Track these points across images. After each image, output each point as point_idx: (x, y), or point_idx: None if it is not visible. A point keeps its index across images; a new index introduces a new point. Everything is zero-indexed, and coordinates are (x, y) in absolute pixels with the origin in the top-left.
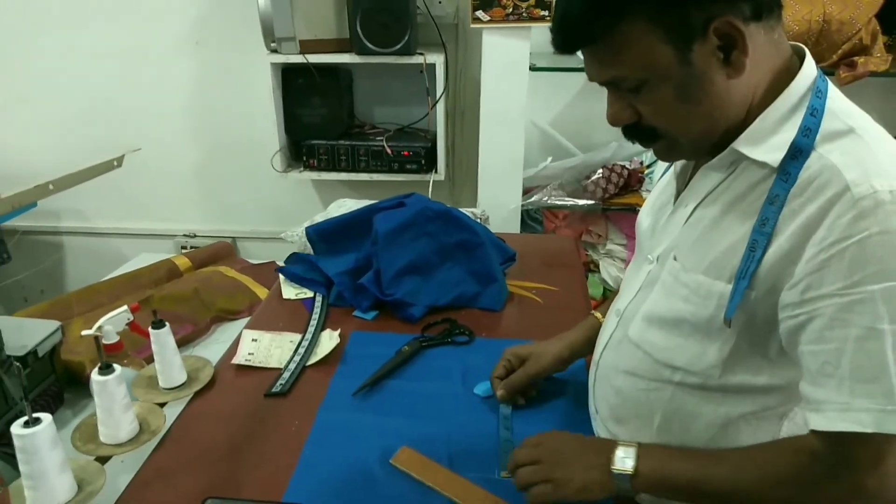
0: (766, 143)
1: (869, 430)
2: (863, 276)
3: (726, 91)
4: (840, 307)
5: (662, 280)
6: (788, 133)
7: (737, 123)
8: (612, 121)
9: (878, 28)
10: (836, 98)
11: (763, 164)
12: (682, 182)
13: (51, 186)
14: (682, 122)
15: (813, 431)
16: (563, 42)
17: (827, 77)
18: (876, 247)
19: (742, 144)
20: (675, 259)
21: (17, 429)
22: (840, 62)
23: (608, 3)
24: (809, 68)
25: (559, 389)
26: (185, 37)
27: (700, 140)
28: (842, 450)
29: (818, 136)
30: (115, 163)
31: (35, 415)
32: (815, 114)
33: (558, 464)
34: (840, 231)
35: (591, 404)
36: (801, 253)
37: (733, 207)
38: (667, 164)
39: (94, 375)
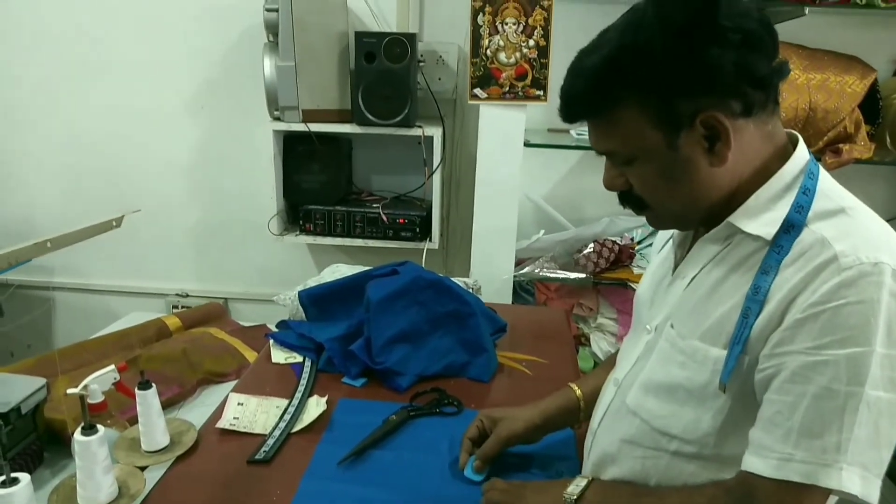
0: (760, 219)
1: (803, 482)
2: (831, 339)
3: (708, 177)
4: (804, 364)
5: (659, 348)
6: (781, 210)
7: (720, 203)
8: (606, 185)
9: (861, 118)
10: (826, 180)
11: (757, 238)
12: (681, 254)
13: (49, 244)
14: (665, 199)
15: (741, 470)
16: (566, 114)
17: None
18: (850, 315)
19: (737, 219)
20: (672, 327)
21: None
22: (826, 149)
23: (605, 90)
24: (802, 152)
25: (545, 459)
26: (192, 100)
27: (682, 216)
28: (752, 491)
29: (810, 214)
30: (115, 223)
31: (13, 475)
32: (807, 193)
33: (520, 496)
34: (821, 295)
35: (587, 472)
36: (786, 314)
37: (728, 277)
38: (665, 237)
39: (77, 436)
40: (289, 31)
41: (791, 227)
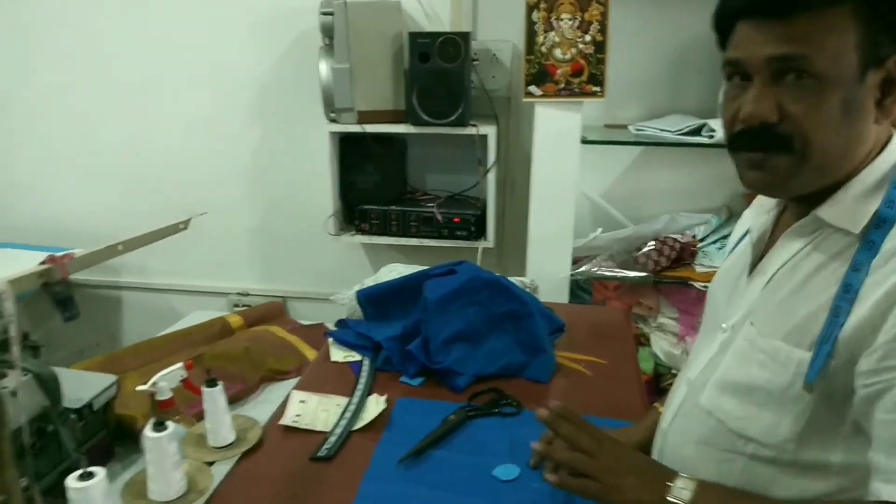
0: (849, 212)
1: None
2: None
3: (865, 132)
4: None
5: (737, 346)
6: (872, 204)
7: (844, 174)
8: (752, 111)
9: None
10: None
11: (846, 232)
12: (759, 251)
13: (120, 247)
14: (829, 135)
15: (872, 501)
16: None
17: None
18: None
19: (825, 212)
20: (751, 325)
21: (72, 482)
22: None
23: None
24: None
25: None
26: (250, 105)
27: (825, 167)
28: None
29: None
30: (182, 226)
31: (89, 469)
32: None
33: (613, 469)
34: None
35: None
36: (884, 322)
37: (815, 275)
38: (740, 233)
39: (148, 432)
40: (344, 35)
41: (883, 221)
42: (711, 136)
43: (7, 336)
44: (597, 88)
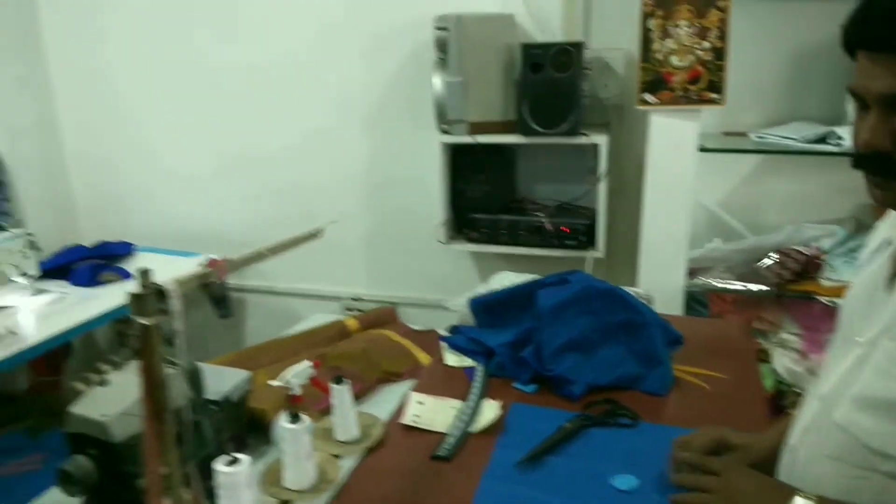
0: None
1: None
2: None
3: None
4: None
5: (876, 361)
6: None
7: None
8: (868, 140)
9: None
10: None
11: None
12: None
13: (267, 252)
14: None
15: None
16: (867, 32)
17: None
18: None
19: None
20: (891, 340)
21: (221, 466)
22: None
23: None
24: None
25: None
26: (366, 117)
27: None
28: None
29: None
30: (317, 233)
31: (234, 455)
32: None
33: (732, 501)
34: None
35: None
36: None
37: None
38: (875, 246)
39: (285, 424)
40: (458, 49)
41: None
42: (839, 144)
43: (172, 331)
44: (716, 95)
